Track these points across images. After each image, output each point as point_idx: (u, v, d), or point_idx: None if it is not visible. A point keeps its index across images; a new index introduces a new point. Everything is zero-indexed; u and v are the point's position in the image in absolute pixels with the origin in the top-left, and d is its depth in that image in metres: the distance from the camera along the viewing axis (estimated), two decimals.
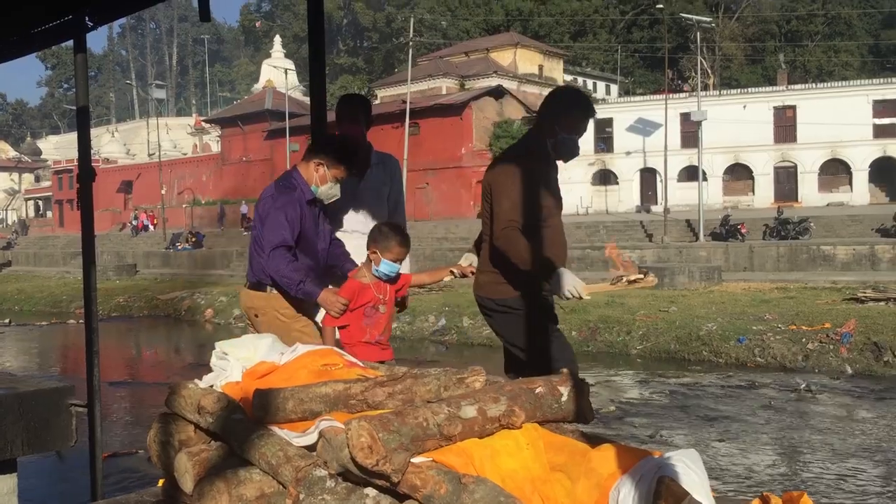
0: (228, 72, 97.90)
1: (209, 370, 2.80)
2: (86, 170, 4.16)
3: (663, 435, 9.51)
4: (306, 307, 3.78)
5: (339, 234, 3.98)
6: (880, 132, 36.07)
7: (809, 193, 36.91)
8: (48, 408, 3.91)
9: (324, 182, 3.67)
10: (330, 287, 3.61)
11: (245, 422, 2.44)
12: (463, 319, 18.37)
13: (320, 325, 3.79)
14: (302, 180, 3.70)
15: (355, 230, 4.01)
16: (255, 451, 2.29)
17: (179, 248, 41.44)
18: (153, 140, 52.78)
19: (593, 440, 2.24)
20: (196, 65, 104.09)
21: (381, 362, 3.26)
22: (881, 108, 36.15)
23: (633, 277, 3.11)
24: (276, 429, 2.37)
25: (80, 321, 6.22)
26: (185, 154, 63.92)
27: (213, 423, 2.50)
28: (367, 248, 3.58)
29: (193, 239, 41.84)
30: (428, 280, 4.26)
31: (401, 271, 3.65)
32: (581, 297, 3.18)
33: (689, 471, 1.90)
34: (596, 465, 2.04)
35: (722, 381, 12.75)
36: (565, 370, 2.40)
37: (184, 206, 52.13)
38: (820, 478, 6.88)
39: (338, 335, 3.63)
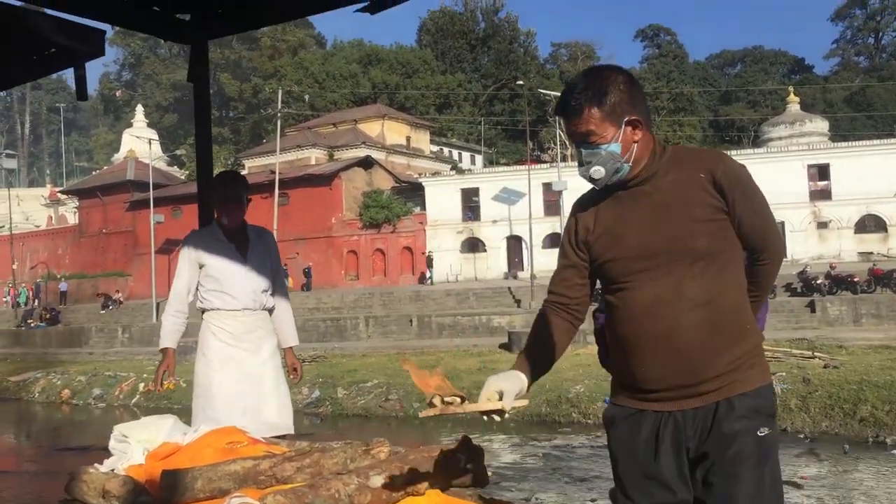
0: (86, 141, 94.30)
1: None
2: None
3: (539, 498, 9.77)
4: None
5: (230, 313, 3.91)
6: None
7: None
8: None
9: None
10: None
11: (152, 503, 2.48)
12: (337, 390, 18.21)
13: None
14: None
15: (247, 308, 3.94)
16: None
17: (32, 325, 39.06)
18: (3, 212, 50.03)
19: (490, 503, 2.44)
20: (51, 133, 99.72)
21: None
22: None
23: (436, 405, 1.91)
24: None
25: None
26: (38, 226, 60.78)
27: None
28: None
29: (48, 315, 39.56)
30: None
31: None
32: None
33: None
34: None
35: (591, 441, 13.22)
36: (462, 436, 2.58)
37: (38, 280, 49.37)
38: None
39: None
